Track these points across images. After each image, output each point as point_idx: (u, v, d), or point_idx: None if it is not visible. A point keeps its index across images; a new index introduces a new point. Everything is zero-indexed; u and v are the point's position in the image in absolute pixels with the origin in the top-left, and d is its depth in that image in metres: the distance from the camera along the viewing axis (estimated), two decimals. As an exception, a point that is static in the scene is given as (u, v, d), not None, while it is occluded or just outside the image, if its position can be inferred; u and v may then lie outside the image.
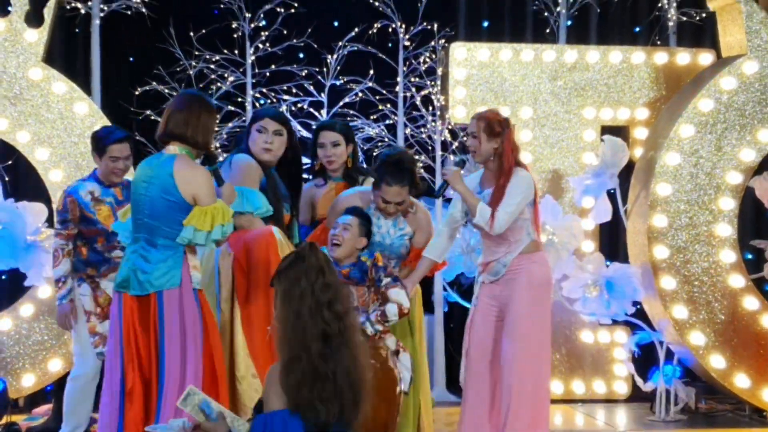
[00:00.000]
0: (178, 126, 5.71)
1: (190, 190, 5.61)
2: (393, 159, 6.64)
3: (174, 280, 5.62)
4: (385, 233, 6.73)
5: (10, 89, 8.70)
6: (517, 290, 6.59)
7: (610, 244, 9.72)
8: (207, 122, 5.76)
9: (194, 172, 5.65)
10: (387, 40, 9.58)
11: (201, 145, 5.75)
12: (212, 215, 5.59)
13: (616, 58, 9.61)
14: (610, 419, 8.83)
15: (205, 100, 5.87)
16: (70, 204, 7.09)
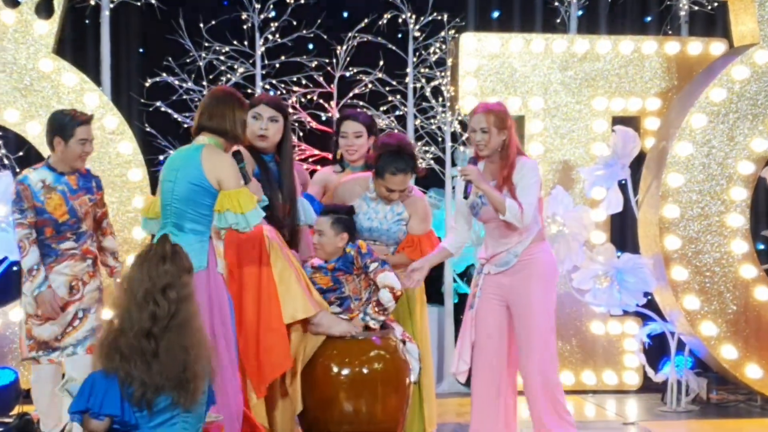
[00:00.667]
0: (211, 118, 5.95)
1: (215, 174, 5.80)
2: (394, 147, 6.63)
3: (201, 262, 5.76)
4: (382, 219, 6.74)
5: (21, 80, 8.71)
6: (529, 280, 6.59)
7: (621, 234, 9.71)
8: (242, 115, 6.00)
9: (220, 157, 5.86)
10: (397, 30, 9.57)
11: (232, 137, 5.97)
12: (239, 199, 5.76)
13: (627, 48, 9.58)
14: (620, 410, 8.82)
15: (238, 95, 6.06)
16: (24, 192, 6.78)
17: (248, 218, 5.77)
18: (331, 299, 6.38)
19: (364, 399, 6.36)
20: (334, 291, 6.41)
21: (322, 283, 6.40)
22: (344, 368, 6.36)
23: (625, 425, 8.20)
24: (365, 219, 6.72)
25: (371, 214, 6.73)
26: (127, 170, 8.77)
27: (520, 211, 6.43)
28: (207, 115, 5.97)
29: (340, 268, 6.36)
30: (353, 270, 6.37)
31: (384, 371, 6.39)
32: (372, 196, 6.74)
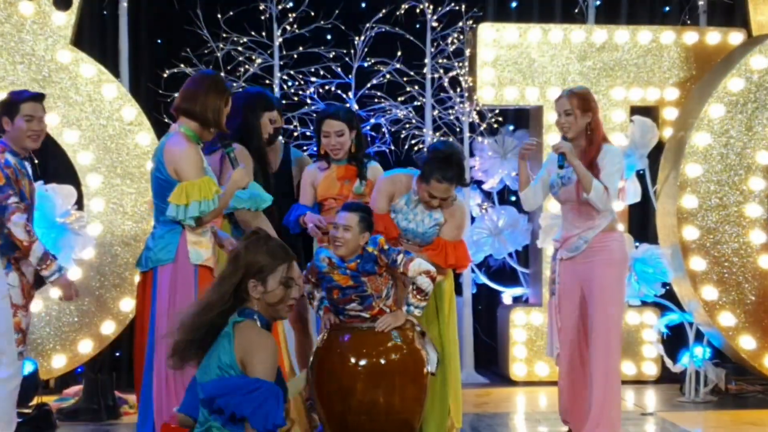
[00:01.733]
0: (185, 101, 5.85)
1: (172, 165, 5.72)
2: (444, 155, 6.54)
3: (169, 255, 5.73)
4: (419, 221, 6.72)
5: (39, 72, 8.73)
6: (600, 267, 6.75)
7: (639, 225, 9.69)
8: (215, 100, 5.84)
9: (179, 147, 5.74)
10: (415, 21, 9.56)
11: (210, 123, 5.84)
12: (187, 191, 5.66)
13: (646, 38, 9.55)
14: (639, 400, 8.81)
15: (216, 79, 5.95)
16: (12, 175, 6.44)
17: (188, 210, 5.66)
18: (352, 297, 6.38)
19: (382, 389, 6.36)
20: (355, 289, 6.39)
21: (339, 281, 6.38)
22: (362, 359, 6.37)
23: (643, 415, 8.19)
24: (403, 219, 6.71)
25: (410, 215, 6.71)
26: (144, 161, 8.79)
27: (606, 194, 6.53)
28: (181, 97, 5.89)
29: (363, 269, 6.34)
30: (376, 270, 6.36)
31: (401, 362, 6.39)
32: (414, 198, 6.71)
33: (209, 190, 5.68)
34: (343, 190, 6.96)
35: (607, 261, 6.76)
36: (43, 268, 6.43)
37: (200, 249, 5.76)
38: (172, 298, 5.70)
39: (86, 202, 8.75)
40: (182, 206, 5.64)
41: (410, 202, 6.70)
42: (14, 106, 6.54)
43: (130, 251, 8.76)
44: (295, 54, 9.41)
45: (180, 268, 5.72)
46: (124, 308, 8.72)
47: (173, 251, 5.72)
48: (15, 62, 8.69)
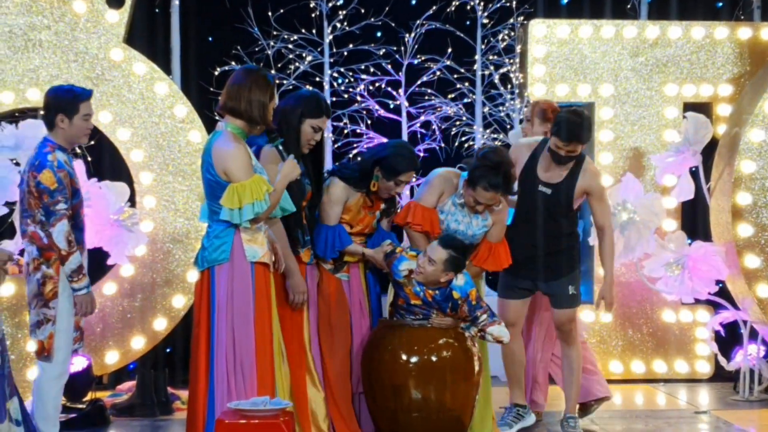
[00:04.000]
0: (230, 99, 5.82)
1: (221, 166, 5.71)
2: (493, 163, 6.52)
3: (224, 255, 5.75)
4: (468, 223, 6.73)
5: (92, 70, 8.79)
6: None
7: (692, 222, 9.61)
8: (260, 96, 5.81)
9: (227, 147, 5.72)
10: (465, 17, 9.55)
11: (256, 119, 5.82)
12: (239, 193, 5.65)
13: (699, 33, 9.47)
14: (692, 399, 8.74)
15: (259, 75, 5.88)
16: (65, 178, 6.32)
17: (242, 213, 5.68)
18: (415, 311, 6.42)
19: (433, 386, 6.37)
20: (421, 309, 6.43)
21: (409, 295, 6.42)
22: (413, 356, 6.38)
23: (696, 414, 8.12)
24: (452, 221, 6.72)
25: (459, 217, 6.72)
26: (196, 159, 8.81)
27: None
28: (225, 96, 5.87)
29: (437, 302, 6.38)
30: (447, 309, 6.39)
31: (453, 359, 6.40)
32: (460, 201, 6.71)
33: (260, 191, 5.67)
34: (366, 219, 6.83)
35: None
36: (74, 280, 6.36)
37: (255, 246, 5.78)
38: (230, 296, 5.73)
39: (138, 200, 8.80)
40: (236, 210, 5.65)
41: (456, 204, 6.70)
42: (73, 105, 6.43)
43: (182, 248, 8.80)
44: (345, 51, 9.43)
45: (236, 266, 5.75)
46: (176, 305, 8.76)
47: (228, 251, 5.75)
48: (69, 60, 8.75)
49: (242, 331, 5.75)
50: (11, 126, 8.34)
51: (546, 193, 7.08)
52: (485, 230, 6.75)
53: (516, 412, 7.32)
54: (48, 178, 6.23)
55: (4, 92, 8.69)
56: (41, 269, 6.32)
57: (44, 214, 6.29)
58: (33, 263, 6.36)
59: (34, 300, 6.34)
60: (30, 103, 8.74)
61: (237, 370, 5.71)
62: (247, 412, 5.39)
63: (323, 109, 6.36)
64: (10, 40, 8.69)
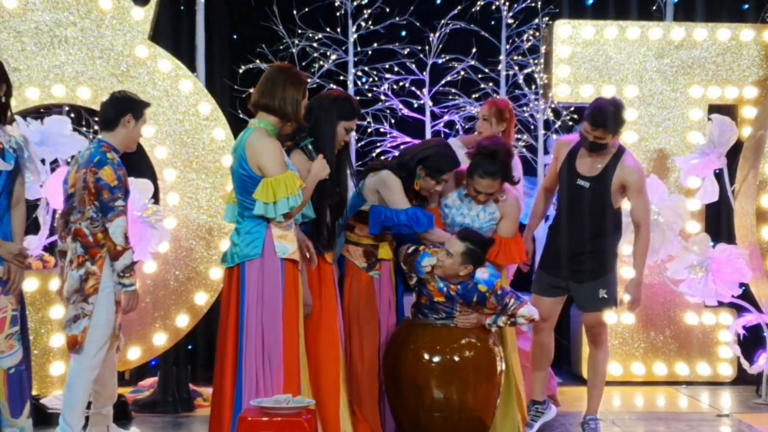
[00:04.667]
0: (264, 96, 5.87)
1: (255, 161, 5.75)
2: (488, 150, 6.61)
3: (256, 250, 5.75)
4: (474, 216, 6.74)
5: (117, 67, 8.82)
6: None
7: (716, 224, 9.57)
8: (293, 93, 5.85)
9: (260, 142, 5.76)
10: (490, 17, 9.53)
11: (290, 116, 5.86)
12: (273, 187, 5.68)
13: (725, 35, 9.43)
14: (714, 402, 8.71)
15: (293, 72, 5.94)
16: (123, 177, 6.44)
17: (277, 207, 5.70)
18: (439, 309, 6.43)
19: (455, 386, 6.37)
20: (444, 306, 6.44)
21: (432, 292, 6.43)
22: (436, 355, 6.37)
23: (719, 417, 8.09)
24: (458, 214, 6.74)
25: (464, 210, 6.74)
26: (220, 156, 8.84)
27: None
28: (259, 92, 5.91)
29: (461, 296, 6.38)
30: (472, 305, 6.39)
31: (475, 359, 6.40)
32: (465, 193, 6.74)
33: (294, 186, 5.70)
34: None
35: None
36: (125, 276, 6.39)
37: (286, 243, 5.80)
38: (260, 292, 5.74)
39: (162, 196, 8.82)
40: (271, 204, 5.68)
41: (463, 197, 6.72)
42: (140, 110, 6.61)
43: (205, 245, 8.82)
44: (370, 50, 9.42)
45: (267, 262, 5.77)
46: (198, 302, 8.77)
47: (260, 246, 5.77)
48: (94, 57, 8.78)
49: (270, 328, 5.76)
50: (36, 122, 8.38)
51: (584, 186, 7.09)
52: (493, 223, 6.77)
53: (535, 409, 7.30)
54: (109, 174, 6.32)
55: (30, 88, 8.72)
56: (85, 266, 6.37)
57: (100, 210, 6.36)
58: (77, 260, 6.40)
59: (74, 295, 6.38)
60: (55, 99, 8.78)
61: (265, 366, 5.73)
62: (270, 410, 5.40)
63: (356, 111, 6.40)
64: (36, 36, 8.72)
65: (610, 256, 7.18)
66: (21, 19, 8.71)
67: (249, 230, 5.80)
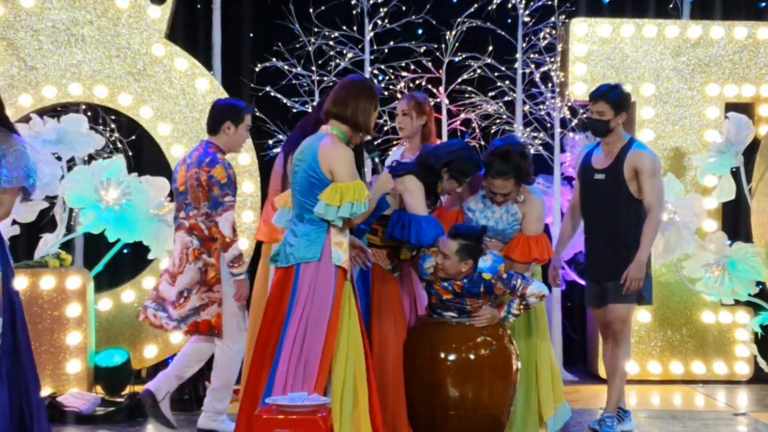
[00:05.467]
0: (337, 105, 5.97)
1: (327, 165, 5.81)
2: (501, 151, 6.60)
3: (315, 254, 5.79)
4: (498, 218, 6.73)
5: (134, 65, 8.84)
6: None
7: (733, 223, 9.56)
8: (366, 105, 5.97)
9: (334, 147, 5.84)
10: (506, 15, 9.52)
11: (361, 127, 5.96)
12: (342, 191, 5.74)
13: (742, 33, 9.41)
14: (731, 400, 8.69)
15: (367, 84, 6.07)
16: (233, 175, 6.95)
17: (339, 211, 5.75)
18: (450, 307, 6.42)
19: (471, 384, 6.36)
20: (455, 303, 6.43)
21: (440, 292, 6.43)
22: (451, 353, 6.37)
23: (735, 416, 8.07)
24: (482, 217, 6.74)
25: (488, 213, 6.73)
26: (236, 154, 8.85)
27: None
28: (332, 102, 6.00)
29: (468, 291, 6.38)
30: (481, 295, 6.38)
31: (491, 357, 6.39)
32: (485, 195, 6.74)
33: (362, 194, 5.78)
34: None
35: None
36: (234, 266, 6.93)
37: (341, 251, 5.84)
38: (311, 296, 5.77)
39: (178, 195, 8.83)
40: (333, 206, 5.74)
41: (484, 199, 6.71)
42: (240, 115, 7.09)
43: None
44: (386, 48, 9.41)
45: (323, 267, 5.80)
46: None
47: (319, 250, 5.80)
48: (111, 56, 8.81)
49: (314, 333, 5.76)
50: (53, 120, 8.41)
51: (601, 179, 7.12)
52: (516, 225, 6.75)
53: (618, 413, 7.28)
54: (220, 172, 6.88)
55: (47, 87, 8.76)
56: (202, 258, 6.96)
57: (211, 206, 6.91)
58: (193, 253, 6.97)
59: (196, 286, 6.96)
60: (72, 97, 8.81)
61: (298, 369, 5.73)
62: (285, 407, 5.40)
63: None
64: (53, 35, 8.76)
65: (635, 248, 7.11)
66: (38, 18, 8.74)
67: (308, 233, 5.82)
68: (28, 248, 8.72)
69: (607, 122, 7.06)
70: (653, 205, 7.05)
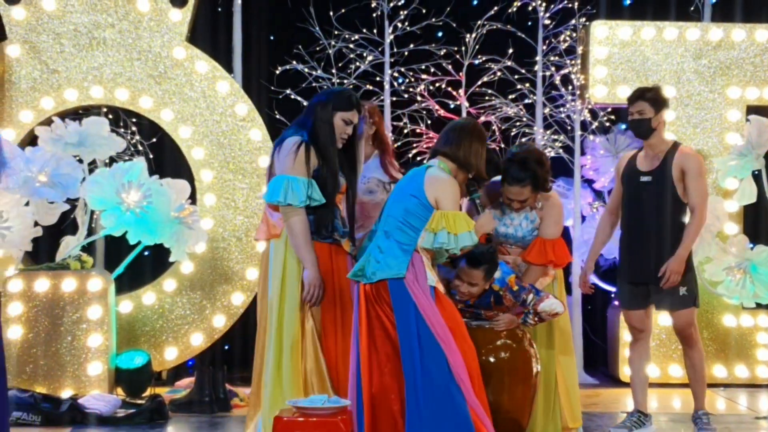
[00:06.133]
0: (448, 144, 6.08)
1: (433, 192, 5.90)
2: (518, 158, 6.57)
3: (401, 270, 5.84)
4: (517, 225, 6.70)
5: (155, 68, 8.87)
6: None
7: (754, 226, 9.51)
8: (478, 147, 6.07)
9: (442, 178, 5.96)
10: (526, 18, 9.51)
11: (472, 168, 6.06)
12: (454, 219, 5.83)
13: (763, 36, 9.37)
14: (752, 404, 8.66)
15: (479, 128, 6.18)
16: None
17: (459, 240, 5.82)
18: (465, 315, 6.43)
19: (491, 388, 6.33)
20: (468, 310, 6.44)
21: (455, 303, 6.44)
22: (471, 357, 6.35)
23: (757, 420, 8.04)
24: (501, 225, 6.71)
25: (507, 220, 6.71)
26: (257, 157, 8.88)
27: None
28: (443, 141, 6.11)
29: (480, 304, 6.38)
30: (492, 306, 6.38)
31: (511, 361, 6.37)
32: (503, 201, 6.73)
33: (472, 224, 5.87)
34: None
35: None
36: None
37: (431, 273, 5.91)
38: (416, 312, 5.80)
39: (199, 197, 8.86)
40: (453, 235, 5.80)
41: (504, 207, 6.69)
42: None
43: (241, 246, 8.86)
44: (406, 51, 9.42)
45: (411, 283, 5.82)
46: (234, 302, 8.81)
47: (405, 268, 5.84)
48: (132, 59, 8.84)
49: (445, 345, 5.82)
50: (75, 123, 8.44)
51: (647, 181, 7.17)
52: (536, 231, 6.73)
53: (637, 417, 7.32)
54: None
55: (68, 89, 8.79)
56: None
57: None
58: None
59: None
60: (93, 100, 8.85)
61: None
62: (306, 410, 5.41)
63: (353, 103, 6.36)
64: (75, 38, 8.80)
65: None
66: (60, 21, 8.78)
67: (396, 254, 5.87)
68: (49, 250, 8.75)
69: (648, 120, 7.14)
70: (698, 206, 7.11)
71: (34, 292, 8.18)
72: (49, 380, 8.14)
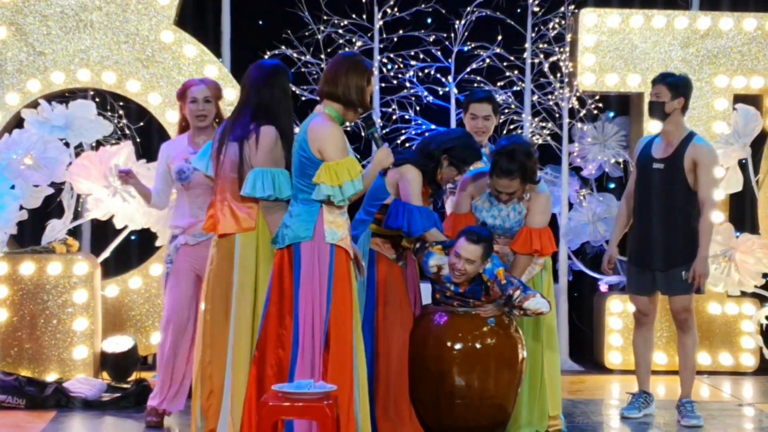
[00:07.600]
0: (328, 84, 5.90)
1: (316, 144, 5.76)
2: (506, 150, 6.55)
3: (307, 233, 5.77)
4: (505, 217, 6.70)
5: (143, 51, 8.84)
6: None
7: (739, 214, 9.54)
8: (357, 80, 5.86)
9: (323, 127, 5.80)
10: (515, 5, 9.51)
11: (354, 103, 5.87)
12: (338, 171, 5.70)
13: (751, 25, 9.38)
14: (736, 391, 8.70)
15: (356, 60, 5.96)
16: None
17: (343, 190, 5.72)
18: (453, 303, 6.43)
19: (477, 374, 6.37)
20: (458, 299, 6.44)
21: (444, 289, 6.45)
22: (457, 342, 6.38)
23: (740, 407, 8.08)
24: (488, 216, 6.72)
25: (494, 212, 6.71)
26: (244, 142, 8.86)
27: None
28: (324, 81, 5.94)
29: (470, 292, 6.39)
30: (482, 297, 6.39)
31: (497, 347, 6.40)
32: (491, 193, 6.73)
33: (355, 170, 5.74)
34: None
35: None
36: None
37: (335, 228, 5.80)
38: (311, 274, 5.76)
39: (186, 182, 8.83)
40: (337, 187, 5.70)
41: (491, 198, 6.69)
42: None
43: (228, 231, 8.83)
44: (395, 37, 9.41)
45: (316, 245, 5.78)
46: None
47: (311, 229, 5.78)
48: (119, 42, 8.81)
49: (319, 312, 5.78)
50: (61, 106, 8.42)
51: (660, 168, 7.28)
52: (523, 222, 6.73)
53: (644, 398, 7.54)
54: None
55: (55, 72, 8.76)
56: None
57: None
58: None
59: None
60: (80, 83, 8.82)
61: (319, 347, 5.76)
62: (291, 395, 5.41)
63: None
64: (62, 20, 8.76)
65: (694, 238, 7.25)
66: (47, 3, 8.75)
67: (300, 213, 5.82)
68: (35, 234, 8.73)
69: (663, 104, 7.26)
70: (707, 201, 7.22)
71: (19, 275, 8.17)
72: (34, 364, 8.14)
